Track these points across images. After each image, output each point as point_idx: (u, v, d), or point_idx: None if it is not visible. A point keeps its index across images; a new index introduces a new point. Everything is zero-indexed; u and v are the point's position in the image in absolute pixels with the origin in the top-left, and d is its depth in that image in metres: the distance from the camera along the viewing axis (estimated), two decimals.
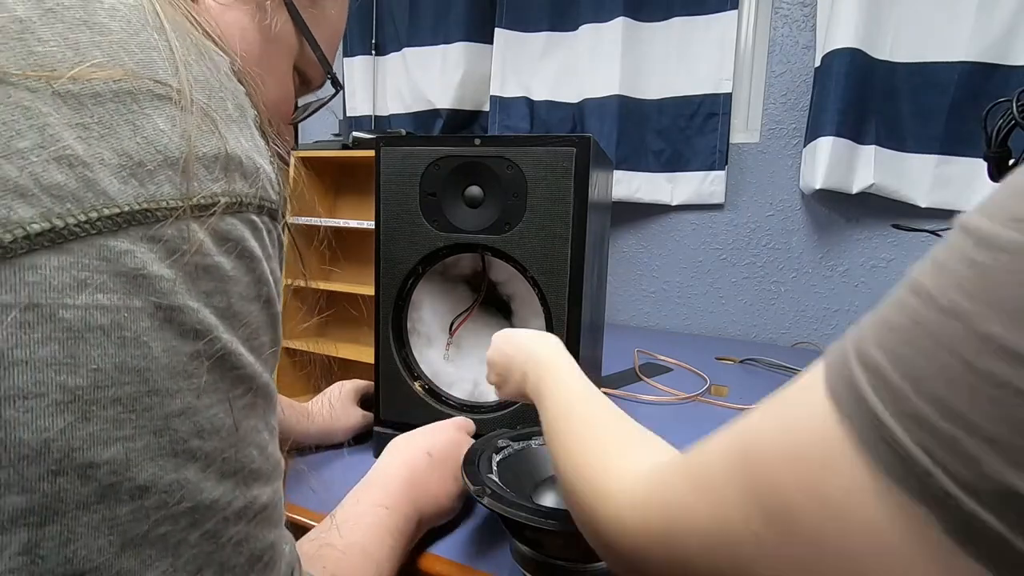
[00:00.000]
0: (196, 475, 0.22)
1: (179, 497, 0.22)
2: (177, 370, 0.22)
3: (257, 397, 0.26)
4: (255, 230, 0.26)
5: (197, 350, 0.23)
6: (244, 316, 0.25)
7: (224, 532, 0.24)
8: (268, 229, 0.28)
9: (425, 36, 1.66)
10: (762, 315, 1.36)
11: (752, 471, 0.18)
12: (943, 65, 1.11)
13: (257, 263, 0.26)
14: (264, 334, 0.27)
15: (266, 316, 0.27)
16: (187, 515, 0.22)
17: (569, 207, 0.55)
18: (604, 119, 1.38)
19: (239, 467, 0.25)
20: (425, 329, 0.66)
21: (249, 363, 0.25)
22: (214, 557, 0.23)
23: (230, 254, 0.25)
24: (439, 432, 0.53)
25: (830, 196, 1.24)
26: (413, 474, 0.47)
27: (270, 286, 0.27)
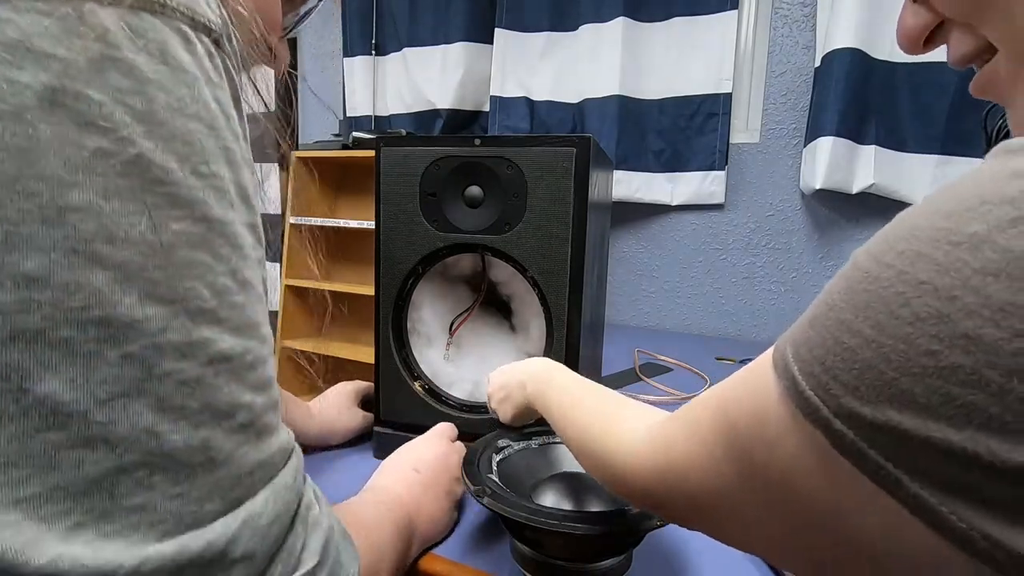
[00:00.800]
0: (107, 284, 0.21)
1: (82, 301, 0.20)
2: (75, 162, 0.20)
3: (211, 234, 0.24)
4: (187, 43, 0.24)
5: (102, 147, 0.21)
6: (178, 131, 0.23)
7: (157, 363, 0.22)
8: (209, 52, 0.25)
9: (425, 36, 1.66)
10: (762, 315, 1.36)
11: (725, 420, 0.25)
12: (943, 65, 1.10)
13: (193, 79, 0.24)
14: (217, 166, 0.25)
15: (216, 146, 0.25)
16: (97, 326, 0.21)
17: (569, 207, 0.55)
18: (604, 119, 1.38)
19: (176, 296, 0.23)
20: (425, 329, 0.66)
21: (188, 186, 0.23)
22: (146, 387, 0.22)
23: (151, 56, 0.22)
24: (424, 448, 0.52)
25: (830, 196, 1.24)
26: (405, 492, 0.46)
27: (216, 114, 0.25)
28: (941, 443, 0.17)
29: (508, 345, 0.67)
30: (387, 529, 0.40)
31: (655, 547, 0.49)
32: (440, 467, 0.51)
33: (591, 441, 0.38)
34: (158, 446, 0.22)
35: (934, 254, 0.18)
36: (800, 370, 0.21)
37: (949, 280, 0.17)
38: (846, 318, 0.20)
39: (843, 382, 0.19)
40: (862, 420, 0.18)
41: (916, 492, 0.18)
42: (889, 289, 0.19)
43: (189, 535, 0.23)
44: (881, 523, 0.19)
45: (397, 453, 0.52)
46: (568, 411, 0.42)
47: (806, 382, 0.20)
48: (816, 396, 0.20)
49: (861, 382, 0.19)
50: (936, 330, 0.17)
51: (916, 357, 0.17)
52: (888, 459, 0.18)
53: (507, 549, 0.47)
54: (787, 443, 0.22)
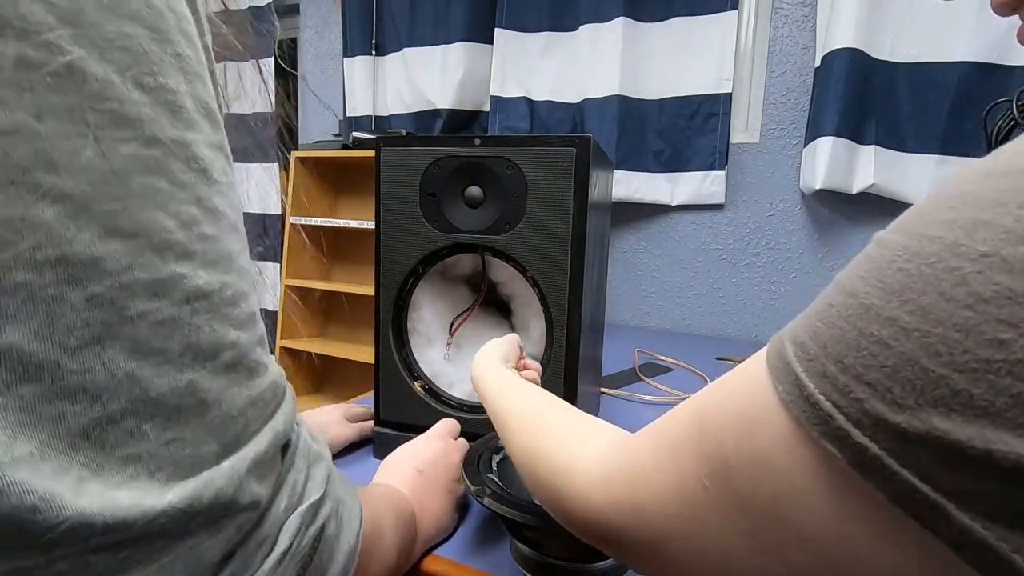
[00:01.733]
0: (57, 219, 0.19)
1: (33, 240, 0.18)
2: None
3: (168, 157, 0.21)
4: None
5: (24, 55, 0.18)
6: (113, 34, 0.20)
7: (128, 304, 0.20)
8: None
9: (425, 36, 1.66)
10: (762, 315, 1.36)
11: (703, 431, 0.22)
12: (943, 65, 1.11)
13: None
14: (167, 77, 0.22)
15: (165, 53, 0.22)
16: (54, 266, 0.19)
17: (569, 207, 0.55)
18: (604, 119, 1.38)
19: (138, 230, 0.20)
20: (425, 329, 0.66)
21: (133, 101, 0.20)
22: (119, 331, 0.20)
23: None
24: (426, 446, 0.52)
25: (830, 196, 1.24)
26: (409, 492, 0.46)
27: (162, 12, 0.22)
28: (1007, 459, 0.13)
29: None
30: (393, 524, 0.40)
31: None
32: (442, 466, 0.50)
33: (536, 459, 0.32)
34: (143, 392, 0.21)
35: (1001, 219, 0.14)
36: (807, 370, 0.18)
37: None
38: (874, 303, 0.16)
39: (869, 382, 0.16)
40: (894, 430, 0.15)
41: (966, 524, 0.14)
42: (936, 265, 0.15)
43: (195, 480, 0.22)
44: (905, 562, 0.16)
45: (399, 452, 0.51)
46: (508, 419, 0.38)
47: (815, 384, 0.17)
48: (829, 401, 0.16)
49: (895, 382, 0.15)
50: (1006, 313, 0.14)
51: (976, 348, 0.14)
52: (927, 480, 0.14)
53: (507, 549, 0.47)
54: (783, 461, 0.18)
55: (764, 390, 0.19)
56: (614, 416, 0.80)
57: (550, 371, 0.58)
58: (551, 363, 0.58)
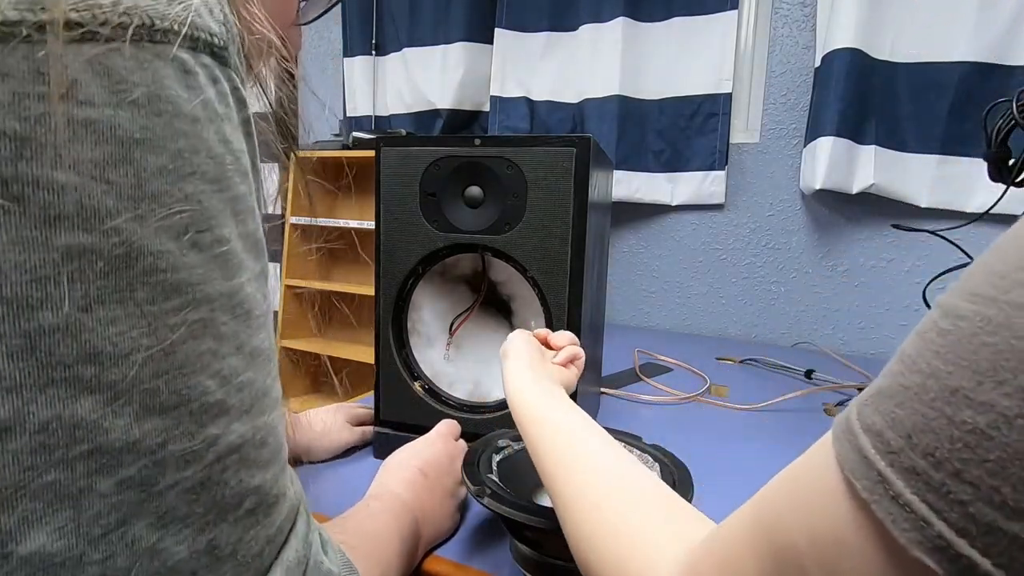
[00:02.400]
0: (95, 410, 0.18)
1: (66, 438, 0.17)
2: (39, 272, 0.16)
3: (215, 312, 0.20)
4: (186, 74, 0.19)
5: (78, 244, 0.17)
6: (175, 199, 0.19)
7: (159, 479, 0.19)
8: (213, 77, 0.20)
9: (425, 36, 1.66)
10: (762, 315, 1.36)
11: (776, 552, 0.19)
12: (943, 65, 1.11)
13: (193, 123, 0.19)
14: (222, 227, 0.21)
15: (222, 202, 0.21)
16: (86, 459, 0.18)
17: (569, 207, 0.55)
18: (604, 119, 1.38)
19: (179, 401, 0.19)
20: (425, 329, 0.66)
21: (187, 266, 0.19)
22: (147, 507, 0.19)
23: (138, 108, 0.18)
24: (430, 448, 0.52)
25: (830, 196, 1.24)
26: (412, 495, 0.46)
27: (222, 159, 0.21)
28: None
29: None
30: (394, 540, 0.40)
31: None
32: (443, 468, 0.50)
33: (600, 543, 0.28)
34: (161, 564, 0.20)
35: None
36: (891, 464, 0.15)
37: None
38: (961, 385, 0.14)
39: (971, 481, 0.13)
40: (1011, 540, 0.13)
41: None
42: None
43: None
44: None
45: (400, 453, 0.51)
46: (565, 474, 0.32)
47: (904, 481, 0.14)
48: (924, 503, 0.14)
49: (1003, 480, 0.13)
50: None
51: None
52: None
53: (507, 549, 0.47)
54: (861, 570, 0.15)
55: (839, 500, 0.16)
56: (614, 416, 0.80)
57: None
58: None
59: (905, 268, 1.23)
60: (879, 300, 1.25)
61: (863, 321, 1.27)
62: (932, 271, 1.10)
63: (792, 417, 0.81)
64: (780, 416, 0.82)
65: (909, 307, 1.23)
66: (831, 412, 0.84)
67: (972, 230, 0.77)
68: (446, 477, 0.50)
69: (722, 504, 0.26)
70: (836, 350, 1.21)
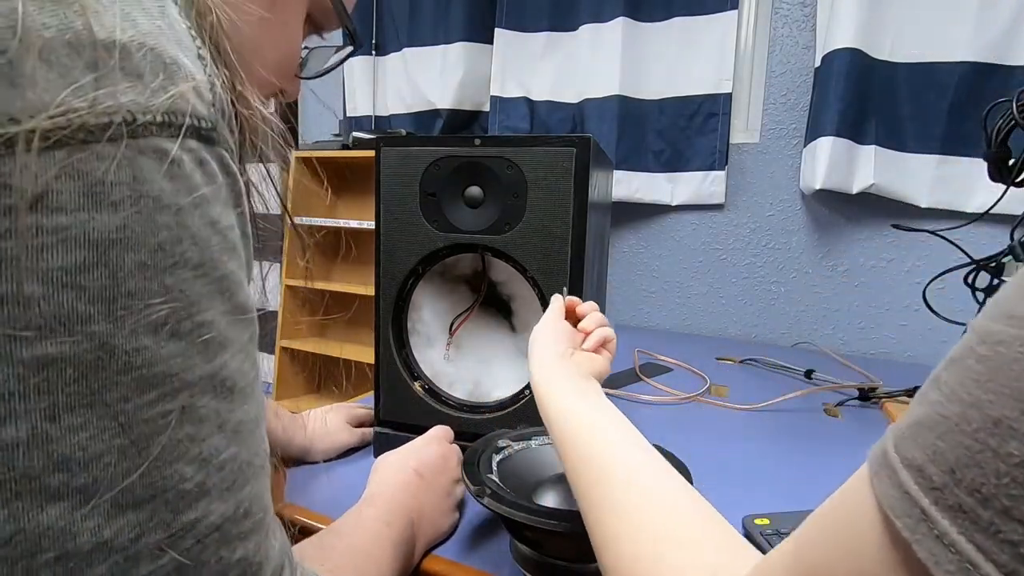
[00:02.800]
0: (62, 517, 0.17)
1: (31, 548, 0.16)
2: (3, 389, 0.16)
3: (195, 397, 0.20)
4: (167, 164, 0.18)
5: (45, 355, 0.16)
6: (154, 293, 0.18)
7: (134, 570, 0.18)
8: (199, 159, 0.19)
9: (425, 36, 1.66)
10: (762, 315, 1.36)
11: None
12: (943, 65, 1.11)
13: (176, 211, 0.18)
14: (207, 311, 0.20)
15: (207, 286, 0.20)
16: (52, 566, 0.17)
17: (569, 207, 0.55)
18: (604, 119, 1.38)
19: (154, 493, 0.18)
20: (425, 329, 0.66)
21: (164, 358, 0.18)
22: None
23: (116, 207, 0.17)
24: (424, 449, 0.52)
25: (830, 196, 1.24)
26: (408, 498, 0.46)
27: (207, 243, 0.20)
28: None
29: (508, 345, 0.67)
30: (386, 550, 0.40)
31: None
32: (440, 469, 0.50)
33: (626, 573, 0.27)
34: None
35: None
36: (935, 503, 0.14)
37: None
38: (1005, 416, 0.13)
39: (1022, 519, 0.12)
40: None
41: None
42: None
43: None
44: None
45: (394, 455, 0.51)
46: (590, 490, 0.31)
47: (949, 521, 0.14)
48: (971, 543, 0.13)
49: None
50: None
51: None
52: None
53: (507, 549, 0.47)
54: None
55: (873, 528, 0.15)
56: None
57: None
58: None
59: (905, 268, 1.23)
60: (879, 300, 1.25)
61: (863, 321, 1.27)
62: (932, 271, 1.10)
63: (792, 417, 0.81)
64: (780, 416, 0.82)
65: (909, 307, 1.23)
66: (831, 412, 0.84)
67: (972, 230, 0.77)
68: (442, 477, 0.50)
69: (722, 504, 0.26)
70: (836, 350, 1.21)
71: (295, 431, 0.60)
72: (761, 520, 0.50)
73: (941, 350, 0.78)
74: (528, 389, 0.60)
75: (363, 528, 0.41)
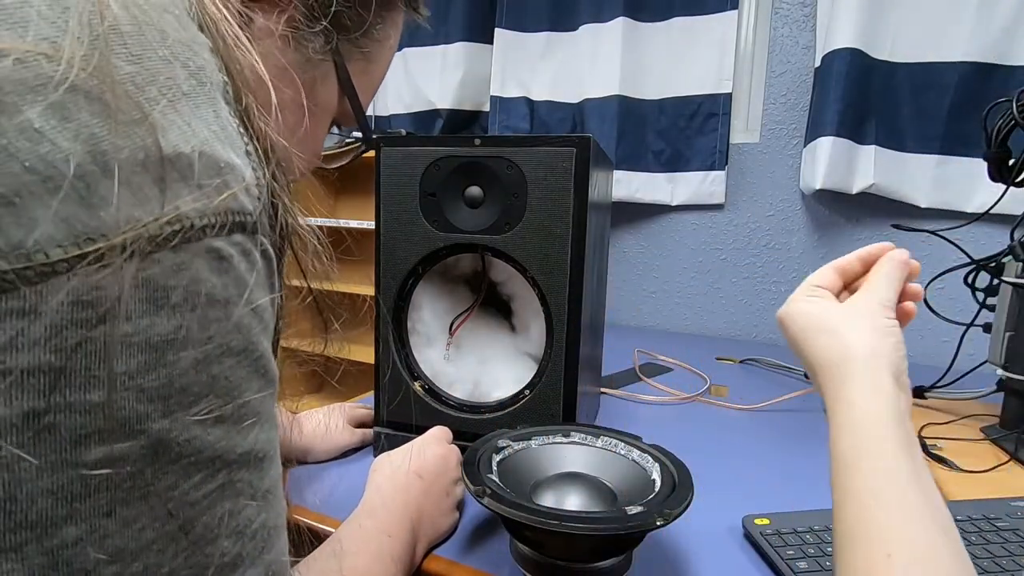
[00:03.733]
0: None
1: None
2: (67, 491, 0.16)
3: (234, 474, 0.20)
4: (220, 261, 0.19)
5: (106, 455, 0.16)
6: (202, 385, 0.19)
7: None
8: (244, 250, 0.20)
9: (425, 36, 1.66)
10: (762, 315, 1.36)
11: None
12: (943, 65, 1.11)
13: (224, 305, 0.19)
14: (247, 392, 0.20)
15: (247, 369, 0.20)
16: None
17: (569, 207, 0.55)
18: (604, 119, 1.38)
19: (197, 572, 0.19)
20: (425, 329, 0.66)
21: (210, 443, 0.19)
22: None
23: (173, 310, 0.18)
24: (423, 449, 0.52)
25: (830, 196, 1.24)
26: (408, 499, 0.46)
27: (250, 329, 0.20)
28: None
29: (508, 345, 0.67)
30: (389, 568, 0.40)
31: (655, 547, 0.49)
32: (440, 470, 0.50)
33: None
34: None
35: None
36: None
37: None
38: None
39: None
40: None
41: None
42: None
43: None
44: None
45: (393, 457, 0.51)
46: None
47: None
48: None
49: None
50: None
51: None
52: None
53: (507, 549, 0.47)
54: None
55: None
56: (614, 416, 0.80)
57: (550, 371, 0.58)
58: (551, 363, 0.58)
59: None
60: None
61: None
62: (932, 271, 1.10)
63: (792, 417, 0.81)
64: (780, 416, 0.82)
65: None
66: None
67: (972, 230, 0.77)
68: (441, 478, 0.50)
69: (722, 504, 0.26)
70: None
71: (295, 432, 0.60)
72: (761, 520, 0.50)
73: (941, 350, 0.79)
74: (528, 389, 0.60)
75: (364, 544, 0.41)
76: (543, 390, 0.59)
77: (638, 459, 0.47)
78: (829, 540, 0.47)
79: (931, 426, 0.72)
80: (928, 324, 1.21)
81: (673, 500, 0.40)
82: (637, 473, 0.46)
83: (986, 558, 0.46)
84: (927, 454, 0.65)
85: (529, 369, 0.63)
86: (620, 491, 0.46)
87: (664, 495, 0.41)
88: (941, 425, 0.74)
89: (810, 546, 0.47)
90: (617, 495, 0.45)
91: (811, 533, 0.48)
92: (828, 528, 0.49)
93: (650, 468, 0.46)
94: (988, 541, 0.48)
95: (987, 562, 0.45)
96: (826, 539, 0.47)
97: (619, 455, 0.48)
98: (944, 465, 0.63)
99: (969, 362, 0.81)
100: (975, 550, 0.47)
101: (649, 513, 0.38)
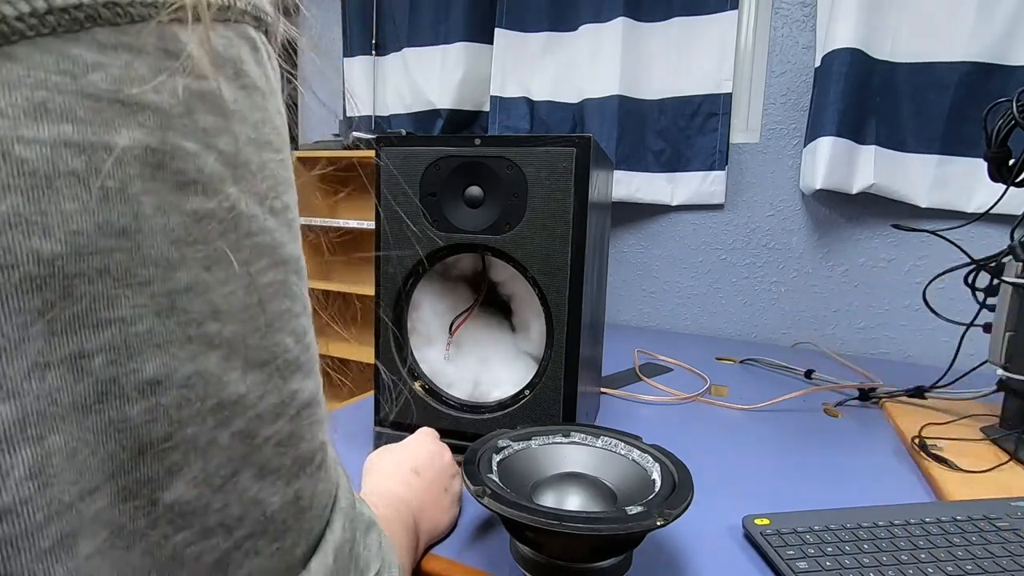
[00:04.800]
0: (218, 366, 0.19)
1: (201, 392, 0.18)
2: (178, 234, 0.17)
3: (290, 274, 0.22)
4: (255, 51, 0.20)
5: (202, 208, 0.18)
6: (257, 167, 0.20)
7: (259, 431, 0.20)
8: (269, 54, 0.21)
9: (425, 36, 1.66)
10: (762, 315, 1.36)
11: None
12: (943, 65, 1.11)
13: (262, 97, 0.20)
14: (285, 194, 0.22)
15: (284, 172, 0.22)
16: (214, 413, 0.19)
17: (569, 207, 0.55)
18: (604, 119, 1.38)
19: (269, 357, 0.21)
20: (425, 329, 0.66)
21: (269, 229, 0.20)
22: (251, 459, 0.20)
23: (229, 81, 0.19)
24: (418, 447, 0.52)
25: (830, 196, 1.24)
26: (409, 495, 0.46)
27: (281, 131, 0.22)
28: None
29: (508, 345, 0.67)
30: (399, 533, 0.40)
31: (655, 547, 0.49)
32: (435, 465, 0.51)
33: None
34: (262, 512, 0.21)
35: None
36: None
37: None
38: None
39: None
40: None
41: None
42: None
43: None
44: None
45: (387, 455, 0.51)
46: None
47: None
48: None
49: None
50: None
51: None
52: None
53: (507, 549, 0.47)
54: None
55: None
56: (614, 416, 0.80)
57: (550, 371, 0.58)
58: (551, 363, 0.58)
59: (905, 268, 1.23)
60: (879, 300, 1.25)
61: (863, 321, 1.27)
62: (932, 271, 1.10)
63: (792, 417, 0.82)
64: (780, 416, 0.82)
65: (909, 307, 1.23)
66: (831, 412, 0.84)
67: (972, 230, 0.77)
68: (439, 473, 0.50)
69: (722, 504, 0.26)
70: (836, 350, 1.21)
71: None
72: (761, 520, 0.50)
73: (941, 350, 0.79)
74: (528, 389, 0.60)
75: (390, 525, 0.40)
76: (543, 390, 0.59)
77: (638, 459, 0.47)
78: (829, 540, 0.47)
79: (931, 426, 0.72)
80: (928, 324, 1.21)
81: (673, 500, 0.40)
82: (637, 473, 0.46)
83: (986, 558, 0.46)
84: (927, 454, 0.66)
85: (529, 369, 0.63)
86: (620, 491, 0.46)
87: (664, 495, 0.41)
88: (941, 425, 0.74)
89: (810, 546, 0.47)
90: (617, 495, 0.45)
91: (811, 533, 0.48)
92: (828, 528, 0.49)
93: (650, 468, 0.46)
94: (988, 541, 0.48)
95: (987, 562, 0.45)
96: (826, 539, 0.48)
97: (619, 455, 0.48)
98: (944, 465, 0.63)
99: (969, 362, 0.82)
100: (975, 550, 0.47)
101: (649, 513, 0.38)
